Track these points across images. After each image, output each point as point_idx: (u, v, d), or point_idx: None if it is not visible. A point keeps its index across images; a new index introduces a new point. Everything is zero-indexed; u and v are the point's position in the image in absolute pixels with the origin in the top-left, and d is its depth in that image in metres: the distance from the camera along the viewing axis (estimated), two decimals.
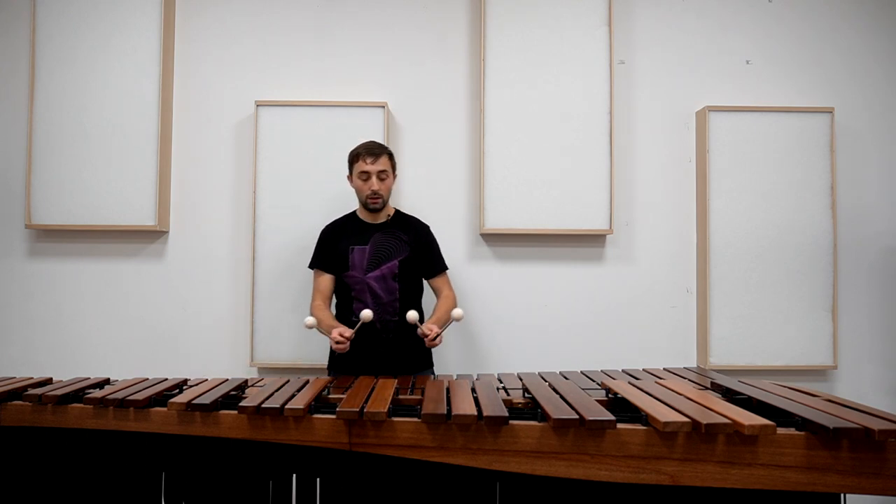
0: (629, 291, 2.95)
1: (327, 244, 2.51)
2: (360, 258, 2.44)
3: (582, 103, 2.87)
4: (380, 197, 2.42)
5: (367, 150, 2.42)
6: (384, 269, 2.43)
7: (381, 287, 2.42)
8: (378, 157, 2.41)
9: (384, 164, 2.42)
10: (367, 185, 2.41)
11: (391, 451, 1.56)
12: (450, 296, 2.52)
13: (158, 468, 1.72)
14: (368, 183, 2.40)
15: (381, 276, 2.42)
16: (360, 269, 2.43)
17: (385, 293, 2.42)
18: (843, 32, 3.00)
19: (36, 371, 2.80)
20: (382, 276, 2.42)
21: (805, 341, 2.84)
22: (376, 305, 2.40)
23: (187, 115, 2.95)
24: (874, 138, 2.98)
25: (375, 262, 2.43)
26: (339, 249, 2.46)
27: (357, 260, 2.44)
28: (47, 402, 1.74)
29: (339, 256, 2.46)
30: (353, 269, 2.44)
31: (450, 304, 2.46)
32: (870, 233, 2.96)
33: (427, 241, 2.55)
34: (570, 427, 1.48)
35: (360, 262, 2.43)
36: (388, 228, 2.49)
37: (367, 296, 2.42)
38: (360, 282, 2.43)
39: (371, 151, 2.41)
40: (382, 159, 2.42)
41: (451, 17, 2.98)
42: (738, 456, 1.44)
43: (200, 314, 2.91)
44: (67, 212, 2.82)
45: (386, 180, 2.44)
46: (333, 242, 2.49)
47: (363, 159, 2.40)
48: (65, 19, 2.85)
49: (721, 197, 2.87)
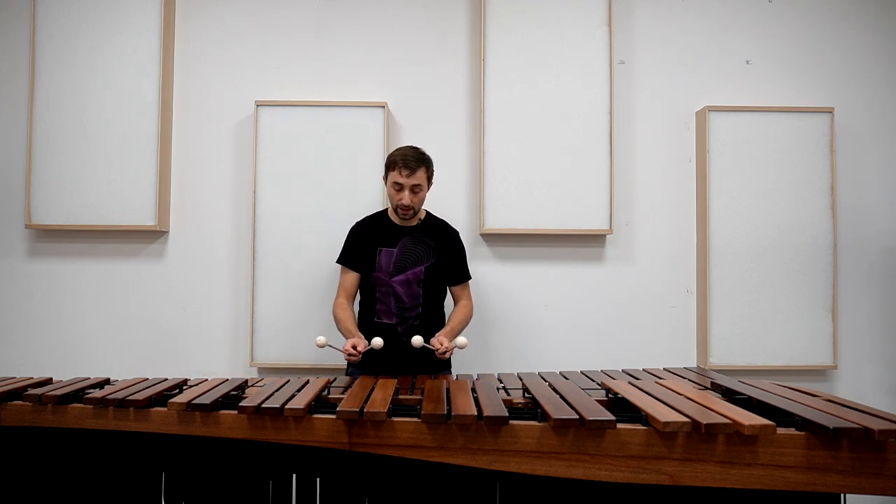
0: (629, 291, 2.95)
1: (356, 242, 2.48)
2: (387, 261, 2.41)
3: (582, 103, 2.87)
4: (410, 208, 2.36)
5: (404, 161, 2.30)
6: (409, 273, 2.41)
7: (406, 291, 2.40)
8: (414, 171, 2.31)
9: (419, 178, 2.33)
10: (398, 196, 2.34)
11: (391, 451, 1.56)
12: (467, 305, 2.49)
13: (158, 468, 1.72)
14: (400, 195, 2.33)
15: (406, 281, 2.41)
16: (386, 271, 2.41)
17: (409, 297, 2.41)
18: (843, 32, 3.00)
19: (36, 371, 2.80)
20: (407, 280, 2.41)
21: (805, 341, 2.84)
22: (399, 309, 2.40)
23: (187, 115, 2.95)
24: (874, 138, 2.98)
25: (402, 266, 2.41)
26: (367, 249, 2.44)
27: (384, 262, 2.41)
28: (47, 402, 1.74)
29: (366, 256, 2.44)
30: (379, 271, 2.41)
31: (466, 314, 2.46)
32: (870, 233, 2.96)
33: (454, 248, 2.51)
34: (570, 427, 1.48)
35: (386, 265, 2.41)
36: (416, 233, 2.46)
37: (391, 299, 2.41)
38: (385, 284, 2.41)
39: (407, 164, 2.30)
40: (419, 174, 2.32)
41: (451, 17, 2.98)
42: (738, 456, 1.44)
43: (200, 314, 2.91)
44: (67, 212, 2.82)
45: (419, 193, 2.36)
46: (362, 241, 2.46)
47: (399, 170, 2.30)
48: (65, 19, 2.85)
49: (721, 197, 2.87)
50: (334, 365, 2.79)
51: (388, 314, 2.41)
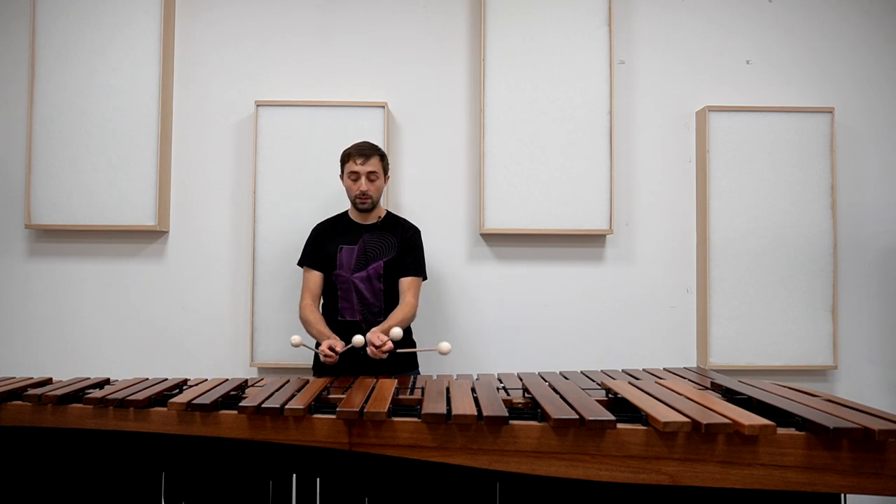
0: (629, 291, 2.95)
1: (317, 242, 2.51)
2: (349, 258, 2.44)
3: (582, 103, 2.87)
4: (369, 198, 2.41)
5: (358, 150, 2.41)
6: (370, 269, 2.42)
7: (367, 288, 2.41)
8: (368, 157, 2.39)
9: (374, 165, 2.40)
10: (356, 186, 2.40)
11: (391, 451, 1.55)
12: (410, 303, 2.38)
13: (158, 468, 1.72)
14: (357, 184, 2.39)
15: (367, 277, 2.42)
16: (347, 268, 2.43)
17: (371, 294, 2.41)
18: (843, 32, 3.00)
19: (36, 371, 2.80)
20: (368, 276, 2.42)
21: (805, 341, 2.84)
22: (361, 305, 2.41)
23: (187, 115, 2.95)
24: (874, 138, 2.98)
25: (363, 262, 2.43)
26: (328, 248, 2.47)
27: (345, 259, 2.44)
28: (47, 402, 1.74)
29: (327, 255, 2.46)
30: (341, 269, 2.44)
31: (406, 312, 2.35)
32: (870, 233, 2.96)
33: (413, 242, 2.50)
34: (570, 427, 1.48)
35: (347, 262, 2.43)
36: (377, 229, 2.48)
37: (353, 296, 2.42)
38: (346, 281, 2.43)
39: (361, 152, 2.40)
40: (373, 160, 2.40)
41: (451, 17, 2.98)
42: (738, 456, 1.43)
43: (200, 314, 2.91)
44: (67, 212, 2.82)
45: (376, 182, 2.42)
46: (323, 241, 2.49)
47: (353, 160, 2.39)
48: (65, 19, 2.85)
49: (721, 197, 2.87)
50: None
51: (350, 311, 2.42)
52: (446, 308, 2.92)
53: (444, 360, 2.85)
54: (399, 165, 2.94)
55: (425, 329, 2.76)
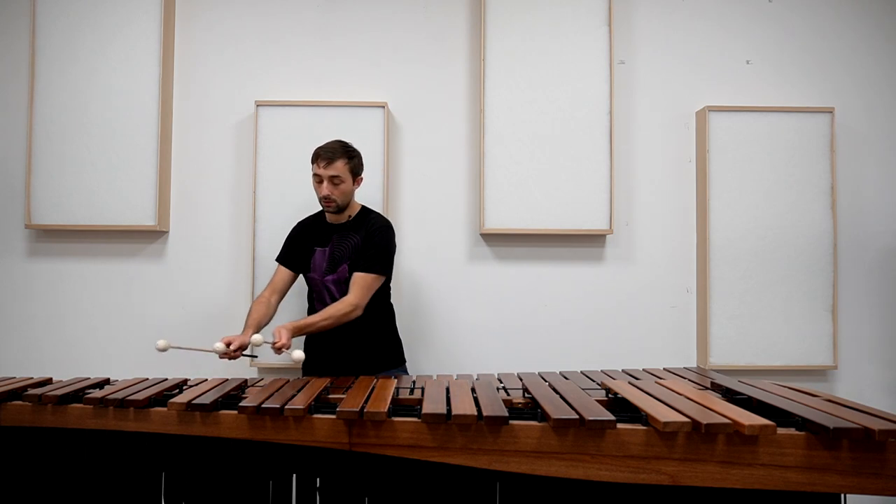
0: (629, 291, 2.95)
1: (294, 242, 2.50)
2: (321, 260, 2.43)
3: (582, 103, 2.87)
4: (332, 202, 2.34)
5: (323, 151, 2.31)
6: (339, 272, 2.39)
7: (338, 290, 2.39)
8: (331, 161, 2.29)
9: (338, 169, 2.29)
10: (319, 189, 2.33)
11: (391, 451, 1.55)
12: (347, 300, 2.24)
13: (158, 468, 1.72)
14: (321, 187, 2.32)
15: (337, 280, 2.40)
16: (319, 271, 2.42)
17: (342, 296, 2.33)
18: (843, 32, 3.00)
19: (36, 371, 2.80)
20: (338, 279, 2.39)
21: (805, 341, 2.84)
22: None
23: (187, 115, 2.95)
24: (874, 138, 2.98)
25: (332, 264, 2.41)
26: (303, 250, 2.46)
27: (318, 262, 2.43)
28: (47, 402, 1.74)
29: (302, 257, 2.46)
30: (314, 272, 2.43)
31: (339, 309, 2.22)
32: (870, 233, 2.96)
33: (373, 238, 2.36)
34: (570, 427, 1.48)
35: (320, 264, 2.43)
36: (345, 230, 2.43)
37: (326, 297, 2.40)
38: (318, 284, 2.43)
39: (325, 155, 2.30)
40: (337, 164, 2.29)
41: (451, 17, 2.98)
42: (738, 456, 1.43)
43: (200, 314, 2.91)
44: (67, 212, 2.81)
45: (340, 185, 2.32)
46: (300, 242, 2.49)
47: (318, 162, 2.31)
48: (65, 19, 2.84)
49: (721, 197, 2.87)
50: None
51: None
52: (446, 308, 2.92)
53: (445, 361, 2.85)
54: (399, 165, 2.94)
55: (426, 329, 2.76)
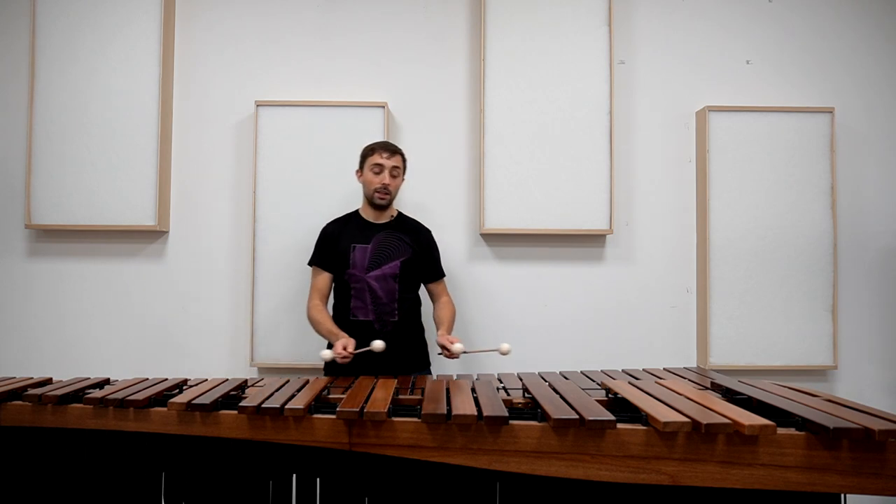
0: (629, 291, 2.95)
1: (328, 242, 2.50)
2: (362, 257, 2.43)
3: (582, 103, 2.87)
4: (388, 193, 2.44)
5: (384, 145, 2.48)
6: (385, 269, 2.42)
7: (381, 287, 2.41)
8: (394, 153, 2.46)
9: (398, 161, 2.47)
10: (378, 178, 2.42)
11: (391, 451, 1.55)
12: (450, 301, 2.56)
13: (158, 468, 1.72)
14: (380, 176, 2.42)
15: (382, 276, 2.42)
16: (361, 267, 2.42)
17: (385, 293, 2.41)
18: (843, 32, 3.00)
19: (36, 371, 2.80)
20: (383, 275, 2.42)
21: (805, 341, 2.84)
22: (375, 305, 2.40)
23: (187, 115, 2.95)
24: (874, 138, 2.98)
25: (377, 261, 2.43)
26: (340, 247, 2.46)
27: (358, 258, 2.43)
28: (47, 402, 1.74)
29: (339, 254, 2.45)
30: (354, 268, 2.43)
31: (453, 310, 2.51)
32: (870, 233, 2.96)
33: (429, 244, 2.56)
34: (570, 427, 1.48)
35: (361, 261, 2.43)
36: (390, 229, 2.49)
37: (367, 295, 2.41)
38: (360, 281, 2.42)
39: (387, 147, 2.47)
40: (397, 157, 2.47)
41: (451, 17, 2.98)
42: (738, 456, 1.43)
43: (200, 314, 2.91)
44: (67, 212, 2.82)
45: (397, 178, 2.47)
46: (334, 240, 2.48)
47: (379, 153, 2.44)
48: (65, 19, 2.85)
49: (721, 197, 2.87)
50: None
51: (364, 311, 2.41)
52: None
53: (445, 360, 2.85)
54: None
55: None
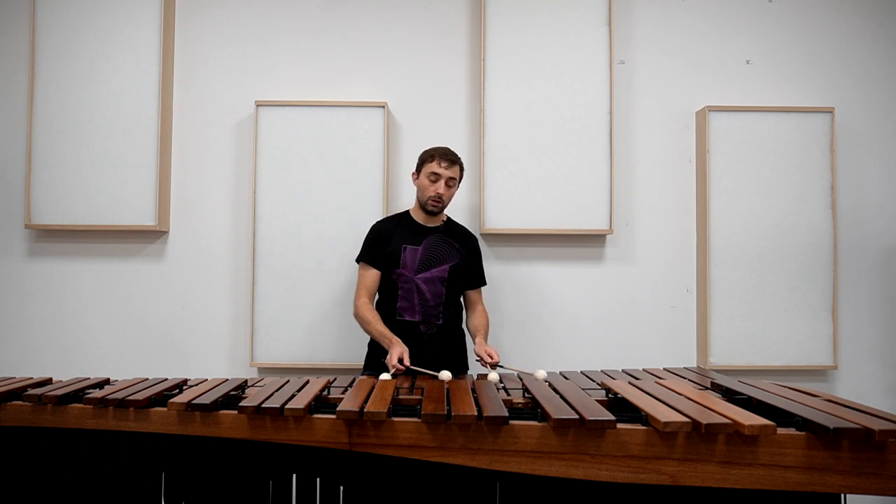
0: (629, 291, 2.95)
1: (379, 240, 2.48)
2: (412, 258, 2.43)
3: (582, 103, 2.87)
4: (441, 202, 2.42)
5: (445, 154, 2.42)
6: (435, 272, 2.43)
7: (430, 289, 2.42)
8: (453, 163, 2.42)
9: (456, 172, 2.43)
10: (433, 187, 2.40)
11: (391, 451, 1.56)
12: (485, 311, 2.56)
13: (158, 468, 1.72)
14: (436, 185, 2.39)
15: (431, 279, 2.42)
16: (411, 268, 2.42)
17: (432, 295, 2.42)
18: (843, 32, 3.00)
19: (36, 371, 2.80)
20: (432, 278, 2.42)
21: (805, 341, 2.84)
22: (422, 307, 2.41)
23: (187, 115, 2.95)
24: (874, 138, 2.98)
25: (427, 263, 2.43)
26: (391, 247, 2.45)
27: (409, 259, 2.43)
28: (47, 402, 1.74)
29: (390, 253, 2.44)
30: (404, 268, 2.42)
31: (488, 320, 2.54)
32: (870, 233, 2.96)
33: (476, 251, 2.58)
34: (570, 427, 1.48)
35: (411, 262, 2.43)
36: (440, 233, 2.49)
37: (415, 296, 2.41)
38: (409, 281, 2.42)
39: (448, 156, 2.42)
40: (456, 168, 2.43)
41: (451, 17, 2.98)
42: (738, 456, 1.44)
43: (200, 314, 2.91)
44: (67, 212, 2.81)
45: (452, 188, 2.44)
46: (385, 239, 2.47)
47: (438, 161, 2.40)
48: (65, 19, 2.85)
49: (721, 197, 2.87)
50: (334, 365, 2.79)
51: (410, 311, 2.42)
52: None
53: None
54: (399, 165, 2.94)
55: None
